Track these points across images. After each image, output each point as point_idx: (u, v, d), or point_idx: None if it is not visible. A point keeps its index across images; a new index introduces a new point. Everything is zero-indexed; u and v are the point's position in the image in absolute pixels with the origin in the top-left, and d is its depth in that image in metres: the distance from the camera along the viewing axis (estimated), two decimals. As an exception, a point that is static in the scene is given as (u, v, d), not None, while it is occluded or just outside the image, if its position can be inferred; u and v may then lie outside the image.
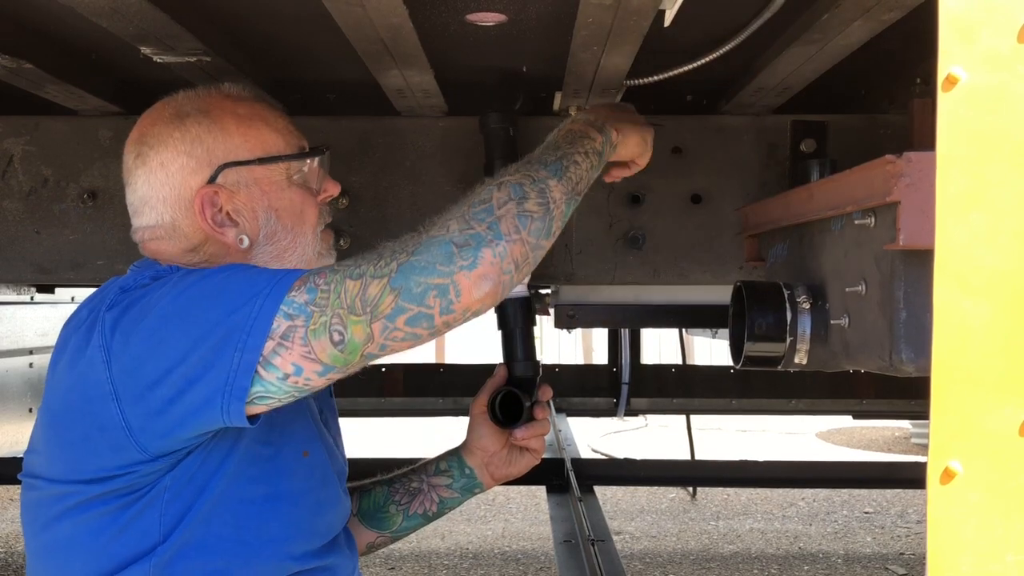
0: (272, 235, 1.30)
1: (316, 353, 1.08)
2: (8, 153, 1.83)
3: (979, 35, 0.82)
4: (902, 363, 1.08)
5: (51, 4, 1.25)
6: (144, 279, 1.22)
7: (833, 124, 1.79)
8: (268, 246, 1.30)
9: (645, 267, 1.83)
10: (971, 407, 0.82)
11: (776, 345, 1.35)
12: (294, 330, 1.08)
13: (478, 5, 1.37)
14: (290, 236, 1.31)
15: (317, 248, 1.34)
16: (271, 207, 1.29)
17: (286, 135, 1.33)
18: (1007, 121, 0.83)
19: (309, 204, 1.33)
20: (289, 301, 1.09)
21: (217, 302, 1.11)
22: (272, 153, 1.30)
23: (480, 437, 1.56)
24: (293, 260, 1.31)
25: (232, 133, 1.29)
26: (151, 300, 1.15)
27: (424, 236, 1.11)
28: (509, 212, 1.12)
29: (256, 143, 1.29)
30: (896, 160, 1.01)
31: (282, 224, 1.30)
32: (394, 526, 1.56)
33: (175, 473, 1.16)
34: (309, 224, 1.33)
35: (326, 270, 1.11)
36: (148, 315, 1.13)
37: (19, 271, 1.84)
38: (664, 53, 1.50)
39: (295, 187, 1.31)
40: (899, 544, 4.49)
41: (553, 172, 1.20)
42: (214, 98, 1.32)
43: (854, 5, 1.26)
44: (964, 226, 0.82)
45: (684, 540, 4.57)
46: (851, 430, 7.69)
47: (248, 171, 1.29)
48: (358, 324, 1.07)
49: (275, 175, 1.30)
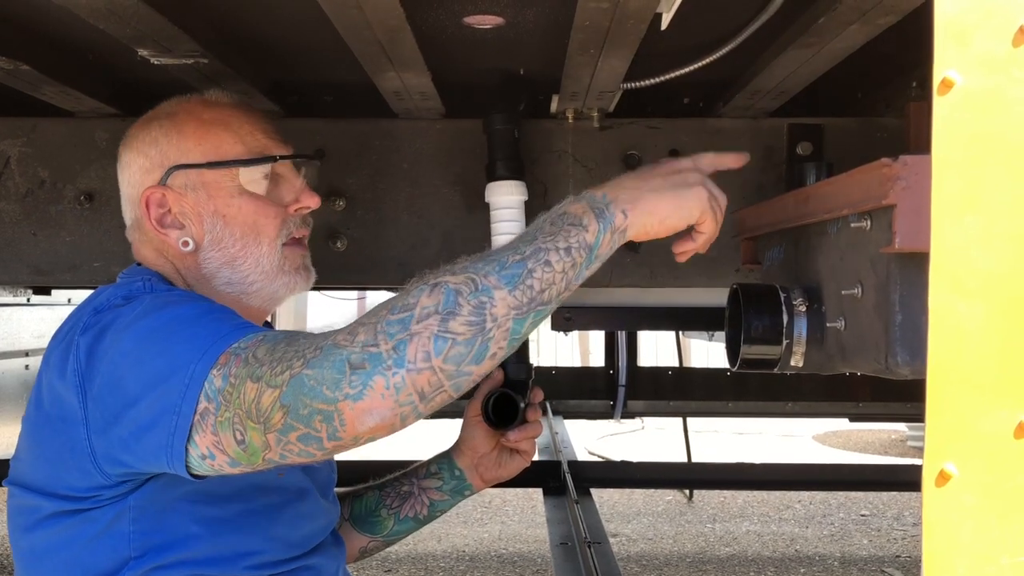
0: (218, 241, 1.28)
1: (223, 445, 1.01)
2: (5, 155, 1.83)
3: (974, 39, 0.83)
4: (898, 366, 1.08)
5: (48, 5, 1.25)
6: (117, 299, 1.20)
7: (829, 127, 1.79)
8: (214, 251, 1.28)
9: (641, 270, 1.83)
10: (966, 410, 0.83)
11: (772, 348, 1.35)
12: (208, 415, 1.01)
13: (476, 7, 1.38)
14: (239, 244, 1.28)
15: (277, 261, 1.29)
16: (218, 212, 1.28)
17: (248, 142, 1.30)
18: (1002, 125, 0.83)
19: (264, 214, 1.29)
20: (210, 379, 1.01)
21: (164, 351, 1.06)
22: (224, 158, 1.28)
23: (471, 438, 1.56)
24: (247, 269, 1.29)
25: (187, 136, 1.30)
26: (119, 330, 1.12)
27: (333, 338, 0.97)
28: (426, 330, 0.94)
29: (210, 147, 1.29)
30: (892, 163, 1.01)
31: (230, 231, 1.28)
32: (385, 530, 1.57)
33: (143, 491, 1.16)
34: (265, 235, 1.29)
35: (243, 352, 1.01)
36: (113, 348, 1.10)
37: (15, 273, 1.84)
38: (661, 56, 1.50)
39: (248, 195, 1.28)
40: (895, 547, 4.50)
41: (507, 279, 0.98)
42: (191, 103, 1.34)
43: (850, 9, 1.26)
44: (960, 229, 0.83)
45: (680, 542, 4.57)
46: (847, 433, 7.70)
47: (197, 175, 1.28)
48: (255, 431, 0.98)
49: (225, 181, 1.28)
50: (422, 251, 1.83)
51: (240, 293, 1.30)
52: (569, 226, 1.04)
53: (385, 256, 1.83)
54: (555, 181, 1.83)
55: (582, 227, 1.04)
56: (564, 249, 1.02)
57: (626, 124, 1.83)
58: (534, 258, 1.00)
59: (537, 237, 1.03)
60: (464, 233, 1.83)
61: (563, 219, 1.05)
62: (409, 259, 1.83)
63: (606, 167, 1.83)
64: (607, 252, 1.08)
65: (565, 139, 1.83)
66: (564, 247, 1.02)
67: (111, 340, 1.11)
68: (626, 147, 1.82)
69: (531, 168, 1.81)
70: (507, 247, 1.02)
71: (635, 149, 1.83)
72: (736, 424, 7.89)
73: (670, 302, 1.96)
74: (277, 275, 1.30)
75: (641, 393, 4.06)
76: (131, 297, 1.20)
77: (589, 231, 1.05)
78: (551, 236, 1.03)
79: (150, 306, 1.14)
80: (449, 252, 1.83)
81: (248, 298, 1.31)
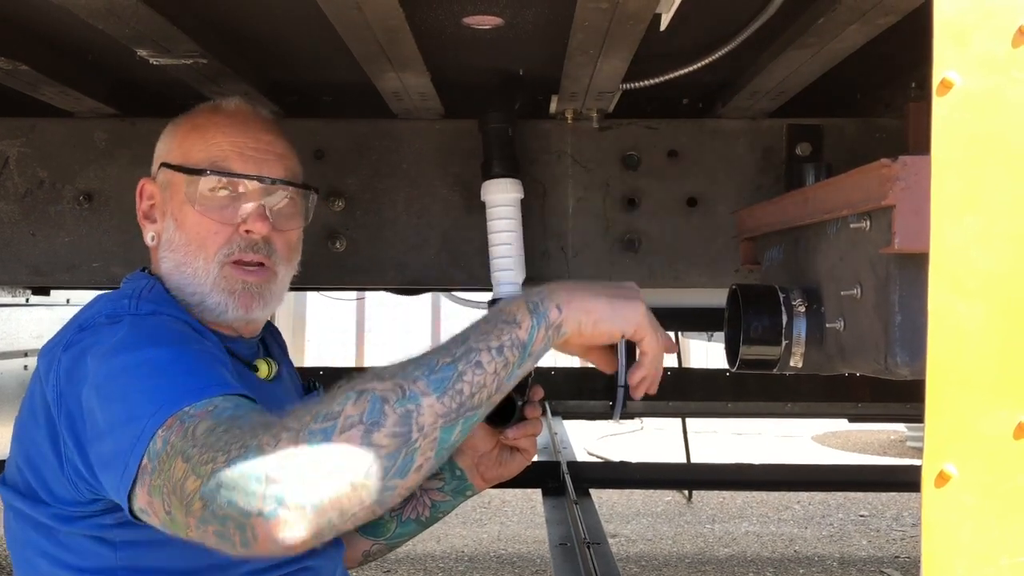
0: (170, 243, 1.31)
1: (155, 508, 0.99)
2: (4, 155, 1.83)
3: (973, 40, 0.83)
4: (897, 366, 1.08)
5: (47, 5, 1.25)
6: (101, 317, 1.20)
7: (829, 128, 1.79)
8: (168, 252, 1.31)
9: (641, 270, 1.83)
10: (966, 410, 0.82)
11: (772, 348, 1.35)
12: (146, 474, 0.99)
13: (475, 8, 1.37)
14: (183, 251, 1.29)
15: (213, 279, 1.27)
16: (173, 215, 1.31)
17: (213, 153, 1.30)
18: (1002, 125, 0.83)
19: (206, 228, 1.28)
20: (155, 440, 0.99)
21: (128, 396, 1.06)
22: (186, 164, 1.31)
23: (471, 437, 1.55)
24: (188, 278, 1.28)
25: (176, 136, 1.35)
26: (97, 358, 1.12)
27: (260, 438, 0.92)
28: (349, 441, 0.89)
29: (183, 151, 1.32)
30: (891, 164, 1.01)
31: (179, 236, 1.30)
32: (388, 532, 1.56)
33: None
34: (209, 249, 1.28)
35: (188, 422, 0.99)
36: (90, 378, 1.11)
37: (14, 273, 1.84)
38: (660, 57, 1.50)
39: (195, 205, 1.29)
40: (894, 547, 4.50)
41: (435, 384, 0.93)
42: (206, 107, 1.38)
43: (850, 9, 1.26)
44: (959, 230, 0.83)
45: (680, 543, 4.57)
46: (846, 433, 7.70)
47: (171, 175, 1.33)
48: (179, 510, 0.95)
49: (183, 186, 1.31)
50: (421, 251, 1.83)
51: (192, 296, 1.29)
52: (502, 324, 1.00)
53: (384, 256, 1.83)
54: (554, 182, 1.83)
55: (515, 324, 1.00)
56: (496, 348, 0.98)
57: (625, 125, 1.83)
58: (465, 359, 0.96)
59: (469, 337, 0.99)
60: (463, 233, 1.83)
61: (497, 317, 1.01)
62: (408, 259, 1.83)
63: (605, 167, 1.83)
64: (541, 349, 1.03)
65: (564, 139, 1.83)
66: (496, 346, 0.98)
67: (89, 367, 1.12)
68: (625, 148, 1.83)
69: (530, 168, 1.81)
70: (439, 348, 0.98)
71: (634, 150, 1.83)
72: (735, 425, 7.89)
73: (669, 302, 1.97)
74: (212, 292, 1.28)
75: (640, 393, 4.05)
76: (115, 317, 1.19)
77: (522, 328, 1.01)
78: (484, 335, 0.99)
79: (127, 339, 1.13)
80: (448, 252, 1.83)
81: (199, 310, 1.29)
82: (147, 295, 1.26)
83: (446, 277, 1.84)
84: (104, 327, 1.17)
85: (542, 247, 1.82)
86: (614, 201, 1.83)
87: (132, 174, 1.72)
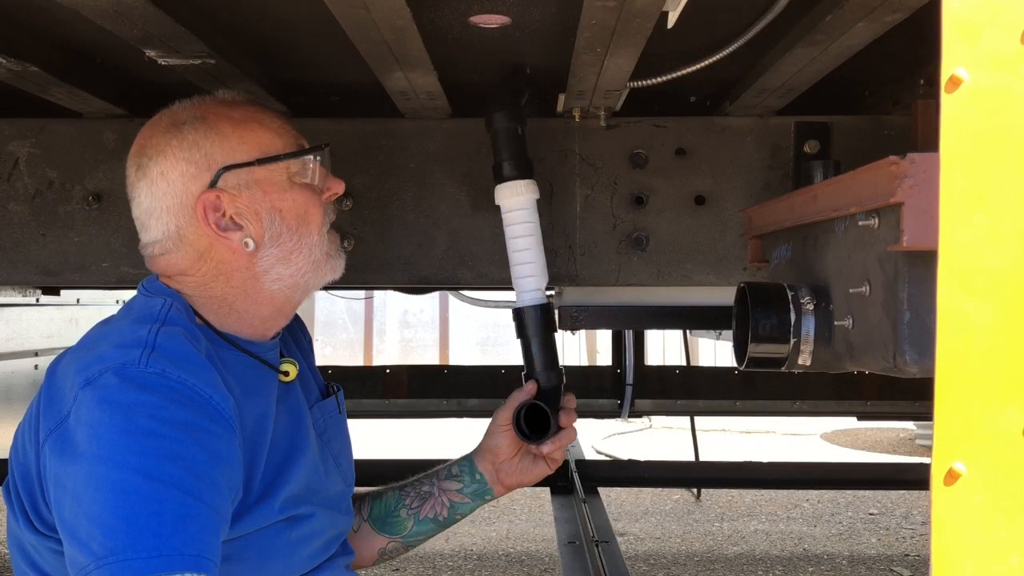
0: (277, 237, 1.29)
1: None
2: (13, 155, 1.84)
3: (982, 36, 0.82)
4: (906, 364, 1.08)
5: (56, 7, 1.25)
6: (109, 375, 1.14)
7: (837, 125, 1.79)
8: (274, 248, 1.29)
9: (649, 268, 1.83)
10: (975, 408, 0.82)
11: (780, 346, 1.35)
12: None
13: (482, 7, 1.38)
14: (295, 237, 1.30)
15: (324, 248, 1.33)
16: (274, 208, 1.29)
17: (283, 135, 1.32)
18: (1010, 122, 0.83)
19: (313, 204, 1.32)
20: None
21: (92, 518, 1.07)
22: (270, 153, 1.29)
23: (495, 445, 1.54)
24: (300, 261, 1.30)
25: (228, 136, 1.28)
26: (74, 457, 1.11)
27: None
28: None
29: (253, 144, 1.29)
30: (900, 161, 1.01)
31: (286, 225, 1.30)
32: (405, 531, 1.55)
33: None
34: (315, 224, 1.32)
35: None
36: (68, 473, 1.11)
37: (24, 273, 1.85)
38: (668, 55, 1.50)
39: (297, 187, 1.30)
40: (904, 545, 4.48)
41: None
42: (209, 105, 1.33)
43: (858, 6, 1.26)
44: (968, 227, 0.82)
45: (688, 541, 4.57)
46: (855, 431, 7.68)
47: (248, 173, 1.28)
48: None
49: (276, 176, 1.29)
50: (429, 250, 1.83)
51: (288, 287, 1.31)
52: None
53: (392, 256, 1.83)
54: (561, 180, 1.83)
55: None
56: None
57: (633, 123, 1.82)
58: None
59: None
60: (470, 232, 1.83)
61: None
62: (416, 258, 1.84)
63: (612, 166, 1.83)
64: None
65: (571, 138, 1.83)
66: None
67: (68, 460, 1.11)
68: (633, 146, 1.82)
69: (537, 167, 1.81)
70: None
71: (642, 148, 1.83)
72: (744, 423, 7.88)
73: (677, 301, 1.96)
74: (325, 261, 1.33)
75: (648, 392, 4.06)
76: (92, 382, 1.14)
77: None
78: None
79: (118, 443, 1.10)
80: (455, 251, 1.83)
81: (292, 291, 1.32)
82: (163, 334, 1.20)
83: (453, 276, 1.84)
84: (81, 397, 1.13)
85: (550, 246, 1.82)
86: (622, 199, 1.82)
87: (141, 174, 1.73)
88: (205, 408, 1.15)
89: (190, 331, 1.23)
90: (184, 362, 1.17)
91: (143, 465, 1.08)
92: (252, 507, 1.21)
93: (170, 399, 1.13)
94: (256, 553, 1.23)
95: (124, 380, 1.13)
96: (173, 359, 1.17)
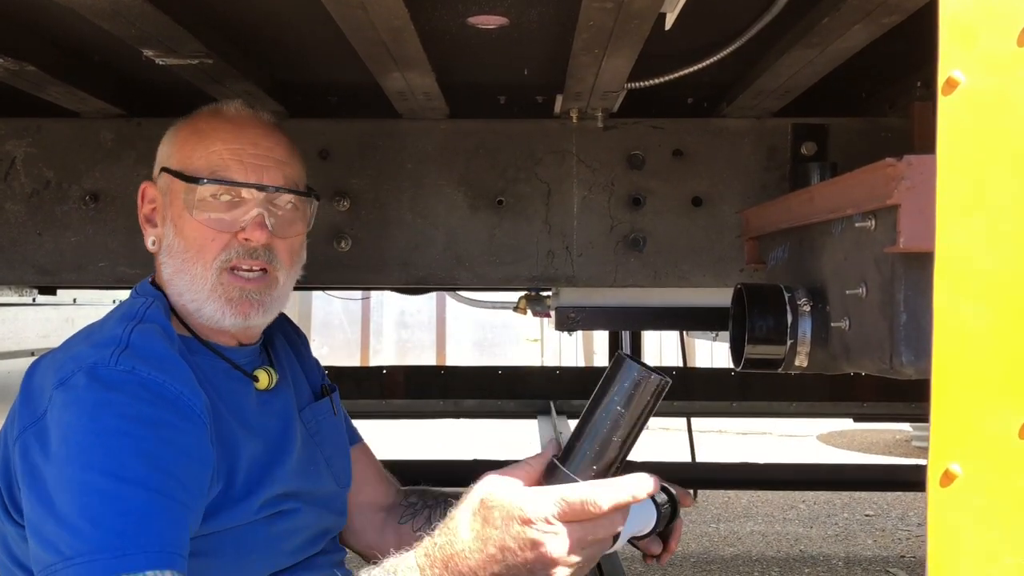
0: (171, 249, 1.31)
1: None
2: (10, 155, 1.83)
3: (979, 39, 0.83)
4: (902, 366, 1.08)
5: (53, 6, 1.25)
6: (80, 375, 1.16)
7: (834, 127, 1.79)
8: (167, 257, 1.31)
9: (646, 269, 1.83)
10: (971, 410, 0.82)
11: (776, 348, 1.35)
12: None
13: (479, 8, 1.38)
14: (182, 257, 1.29)
15: (210, 286, 1.28)
16: (173, 221, 1.31)
17: (213, 160, 1.29)
18: (1007, 124, 0.83)
19: (204, 235, 1.28)
20: None
21: (58, 519, 1.08)
22: (187, 171, 1.30)
23: None
24: (187, 284, 1.29)
25: (177, 141, 1.35)
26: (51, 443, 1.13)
27: None
28: None
29: (183, 157, 1.32)
30: (896, 163, 1.01)
31: (179, 243, 1.30)
32: None
33: None
34: (205, 257, 1.28)
35: None
36: (40, 467, 1.12)
37: (21, 273, 1.84)
38: (665, 56, 1.50)
39: (195, 212, 1.29)
40: (900, 547, 4.49)
41: None
42: (207, 111, 1.37)
43: (855, 9, 1.26)
44: (964, 229, 0.83)
45: (685, 542, 4.57)
46: (852, 433, 7.69)
47: (170, 180, 1.32)
48: None
49: (183, 193, 1.30)
50: (426, 251, 1.83)
51: (190, 303, 1.30)
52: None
53: (389, 256, 1.83)
54: (559, 181, 1.83)
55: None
56: None
57: (630, 124, 1.83)
58: None
59: None
60: (468, 233, 1.83)
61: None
62: (413, 259, 1.84)
63: (610, 167, 1.83)
64: None
65: (569, 139, 1.83)
66: None
67: (40, 460, 1.13)
68: (630, 147, 1.83)
69: (534, 168, 1.81)
70: None
71: (639, 149, 1.83)
72: (740, 424, 7.88)
73: (674, 302, 1.96)
74: (209, 299, 1.28)
75: (645, 393, 4.05)
76: (64, 382, 1.16)
77: None
78: None
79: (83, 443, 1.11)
80: (453, 252, 1.83)
81: (197, 312, 1.30)
82: (138, 331, 1.22)
83: (451, 277, 1.84)
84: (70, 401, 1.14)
85: (547, 247, 1.82)
86: (619, 200, 1.83)
87: (138, 174, 1.73)
88: (175, 404, 1.16)
89: (167, 328, 1.26)
90: (155, 359, 1.19)
91: (109, 465, 1.09)
92: (230, 505, 1.22)
93: (138, 396, 1.14)
94: (234, 548, 1.23)
95: (93, 380, 1.15)
96: (144, 356, 1.18)
